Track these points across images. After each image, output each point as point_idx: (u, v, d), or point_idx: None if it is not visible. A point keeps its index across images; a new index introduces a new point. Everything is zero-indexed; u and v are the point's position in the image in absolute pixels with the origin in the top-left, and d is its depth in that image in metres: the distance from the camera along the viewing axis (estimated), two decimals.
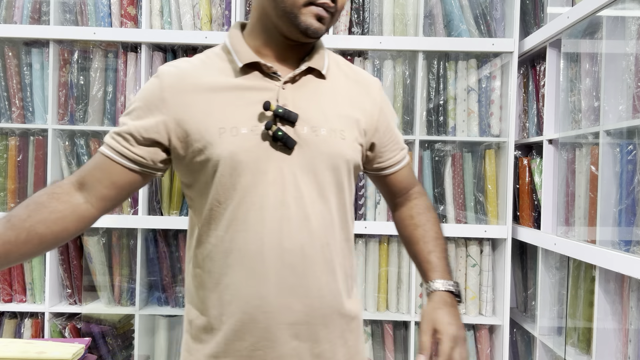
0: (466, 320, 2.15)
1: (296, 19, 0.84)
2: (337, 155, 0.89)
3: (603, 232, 1.56)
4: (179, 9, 2.13)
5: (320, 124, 0.89)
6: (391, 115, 1.03)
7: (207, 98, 0.87)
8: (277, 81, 0.89)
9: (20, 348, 1.14)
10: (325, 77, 0.93)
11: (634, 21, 1.48)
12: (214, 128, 0.85)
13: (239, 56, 0.89)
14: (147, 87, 0.90)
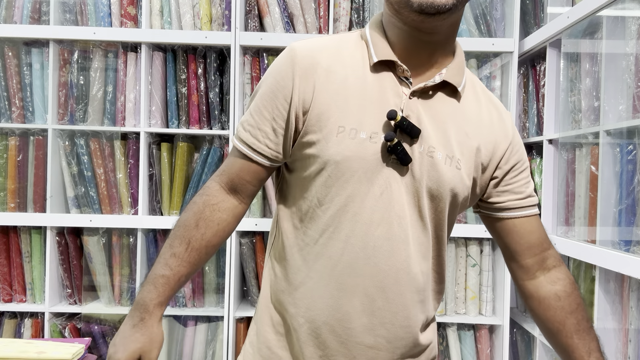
0: (466, 320, 2.15)
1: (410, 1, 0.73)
2: (445, 183, 0.81)
3: (603, 232, 1.56)
4: (179, 8, 2.13)
5: (437, 147, 0.81)
6: (523, 156, 0.91)
7: (335, 87, 0.81)
8: (406, 87, 0.82)
9: (20, 348, 1.14)
10: (460, 96, 0.85)
11: (634, 21, 1.48)
12: (333, 125, 0.79)
13: (375, 49, 0.81)
14: (278, 64, 0.84)
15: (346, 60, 0.82)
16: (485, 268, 2.17)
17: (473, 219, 2.16)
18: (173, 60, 2.15)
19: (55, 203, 2.14)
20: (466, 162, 0.83)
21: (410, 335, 0.84)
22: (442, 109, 0.83)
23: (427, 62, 0.82)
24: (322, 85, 0.80)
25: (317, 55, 0.82)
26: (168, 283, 0.84)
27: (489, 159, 0.85)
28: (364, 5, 2.16)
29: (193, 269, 0.87)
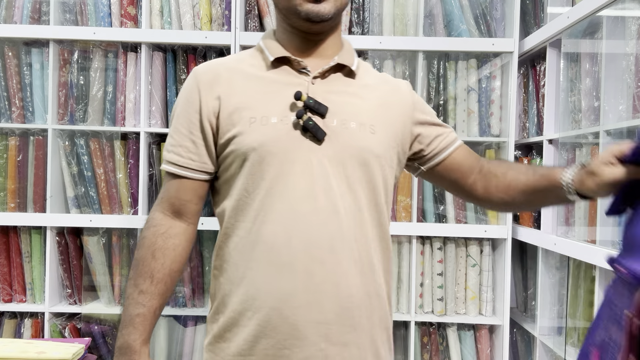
0: (466, 320, 2.15)
1: (297, 10, 0.86)
2: (366, 149, 0.87)
3: (603, 232, 1.56)
4: (179, 9, 2.13)
5: (349, 118, 0.88)
6: (427, 109, 1.02)
7: (239, 89, 0.89)
8: (306, 76, 0.91)
9: (20, 348, 1.14)
10: (355, 75, 0.94)
11: (634, 21, 1.48)
12: (244, 117, 0.86)
13: (270, 51, 0.92)
14: (184, 87, 0.94)
15: (245, 68, 0.92)
16: (485, 268, 2.17)
17: (473, 219, 2.16)
18: (173, 60, 2.15)
19: (55, 203, 2.14)
20: (380, 127, 0.90)
21: (358, 307, 0.86)
22: (345, 87, 0.92)
23: (319, 55, 0.93)
24: (226, 90, 0.89)
25: (217, 68, 0.92)
26: (145, 320, 0.87)
27: (401, 121, 0.94)
28: (364, 5, 2.16)
29: (163, 300, 0.90)
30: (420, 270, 2.18)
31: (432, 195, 2.17)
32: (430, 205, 2.17)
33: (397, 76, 2.17)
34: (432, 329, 2.20)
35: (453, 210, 2.16)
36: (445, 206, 2.17)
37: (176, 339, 2.24)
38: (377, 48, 2.10)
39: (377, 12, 2.17)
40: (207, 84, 0.90)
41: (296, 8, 0.86)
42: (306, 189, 0.84)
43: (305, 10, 0.85)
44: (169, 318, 2.22)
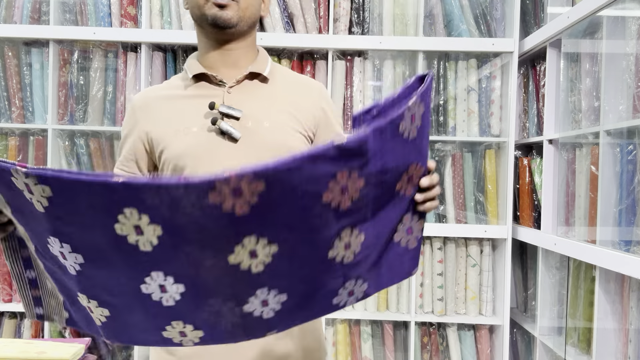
0: (466, 320, 2.15)
1: (204, 16, 0.98)
2: (280, 144, 0.98)
3: (603, 232, 1.56)
4: (179, 9, 2.13)
5: (263, 118, 1.00)
6: (332, 115, 1.11)
7: (164, 108, 1.02)
8: (223, 87, 1.02)
9: (20, 348, 1.14)
10: (268, 80, 1.06)
11: (634, 21, 1.48)
12: (170, 131, 0.99)
13: (189, 70, 1.05)
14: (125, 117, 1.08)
15: (171, 90, 1.06)
16: (485, 268, 2.17)
17: (473, 219, 2.16)
18: (173, 60, 2.15)
19: None
20: (291, 124, 1.01)
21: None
22: (258, 93, 1.04)
23: (234, 66, 1.04)
24: (154, 111, 1.03)
25: (147, 94, 1.07)
26: None
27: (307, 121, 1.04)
28: (364, 5, 2.16)
29: None
30: (421, 270, 2.18)
31: None
32: None
33: (397, 76, 2.17)
34: (432, 329, 2.20)
35: (453, 210, 2.16)
36: (445, 206, 2.17)
37: None
38: (377, 48, 2.10)
39: (377, 12, 2.17)
40: (140, 108, 1.05)
41: (204, 12, 0.98)
42: None
43: (211, 14, 0.97)
44: None
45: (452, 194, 2.17)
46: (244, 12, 1.00)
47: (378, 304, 2.19)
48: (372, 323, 2.22)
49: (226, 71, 1.04)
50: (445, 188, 2.17)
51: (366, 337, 2.21)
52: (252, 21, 1.04)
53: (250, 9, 1.01)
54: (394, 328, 2.21)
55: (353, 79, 2.17)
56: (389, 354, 2.19)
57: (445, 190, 2.17)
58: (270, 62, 1.09)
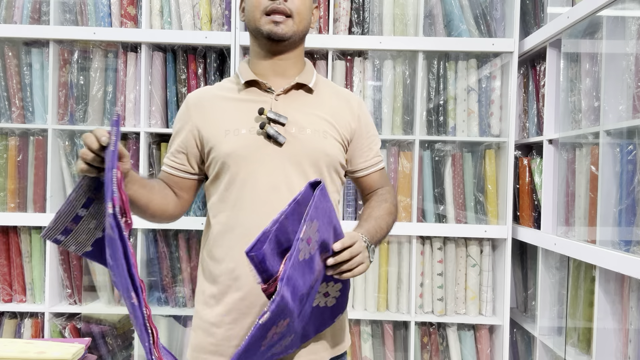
0: (466, 320, 2.15)
1: (260, 30, 1.09)
2: (319, 150, 1.10)
3: (603, 232, 1.56)
4: (179, 9, 2.13)
5: (305, 126, 1.11)
6: (368, 128, 1.22)
7: (216, 108, 1.14)
8: (271, 94, 1.13)
9: (20, 348, 1.14)
10: (313, 91, 1.16)
11: (634, 21, 1.48)
12: (221, 130, 1.10)
13: (242, 76, 1.15)
14: (179, 110, 1.20)
15: (223, 92, 1.17)
16: (485, 268, 2.17)
17: (473, 219, 2.16)
18: (173, 60, 2.15)
19: (55, 203, 2.14)
20: (331, 133, 1.13)
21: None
22: (303, 102, 1.14)
23: (283, 75, 1.15)
24: (208, 111, 1.14)
25: (201, 94, 1.18)
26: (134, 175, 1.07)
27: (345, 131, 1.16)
28: (364, 5, 2.16)
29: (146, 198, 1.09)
30: (420, 270, 2.18)
31: (432, 195, 2.17)
32: (430, 205, 2.17)
33: (398, 76, 2.18)
34: (432, 329, 2.20)
35: (453, 210, 2.16)
36: (445, 206, 2.17)
37: (176, 339, 2.24)
38: (377, 48, 2.10)
39: (377, 12, 2.17)
40: (194, 106, 1.16)
41: (260, 27, 1.09)
42: (271, 183, 1.07)
43: (267, 29, 1.08)
44: (169, 318, 2.22)
45: (452, 194, 2.17)
46: (297, 26, 1.11)
47: (378, 304, 2.19)
48: (372, 323, 2.22)
49: (275, 79, 1.15)
50: (445, 188, 2.17)
51: (366, 337, 2.21)
52: (303, 34, 1.14)
53: (303, 23, 1.12)
54: (394, 328, 2.21)
55: (353, 79, 2.17)
56: (389, 354, 2.19)
57: (445, 190, 2.17)
58: (316, 74, 1.20)
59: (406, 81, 2.18)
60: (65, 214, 0.95)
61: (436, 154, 2.17)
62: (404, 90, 2.18)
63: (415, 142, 2.12)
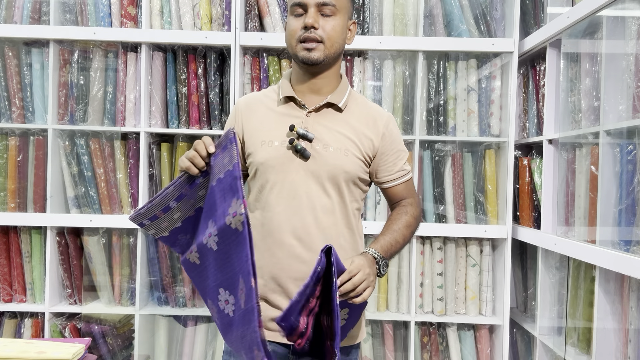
0: (466, 320, 2.15)
1: (297, 55, 1.23)
2: (338, 167, 1.22)
3: (603, 232, 1.56)
4: (179, 9, 2.13)
5: (330, 143, 1.22)
6: (393, 145, 1.30)
7: (259, 114, 1.29)
8: (305, 110, 1.26)
9: (20, 348, 1.15)
10: (342, 110, 1.27)
11: (634, 21, 1.48)
12: (258, 140, 1.25)
13: (282, 91, 1.28)
14: (230, 113, 1.39)
15: (266, 101, 1.31)
16: (485, 268, 2.17)
17: (473, 219, 2.16)
18: (173, 60, 2.15)
19: (55, 203, 2.14)
20: (353, 151, 1.24)
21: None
22: (331, 120, 1.26)
23: (317, 93, 1.28)
24: (252, 118, 1.29)
25: (248, 100, 1.33)
26: None
27: (368, 148, 1.26)
28: (364, 5, 2.16)
29: None
30: (420, 270, 2.18)
31: (432, 195, 2.17)
32: (430, 205, 2.17)
33: (398, 76, 2.17)
34: (432, 328, 2.20)
35: (453, 210, 2.16)
36: (445, 206, 2.17)
37: (176, 339, 2.24)
38: (377, 48, 2.10)
39: (377, 12, 2.17)
40: (241, 112, 1.31)
41: (296, 53, 1.23)
42: (293, 192, 1.22)
43: (301, 56, 1.21)
44: (169, 318, 2.22)
45: (452, 194, 2.17)
46: (329, 50, 1.22)
47: (378, 303, 2.19)
48: (372, 323, 2.22)
49: (310, 96, 1.28)
50: (445, 188, 2.17)
51: (366, 336, 2.21)
52: (336, 55, 1.26)
53: (335, 46, 1.24)
54: (394, 328, 2.21)
55: (353, 78, 2.17)
56: (389, 353, 2.19)
57: (445, 190, 2.17)
58: (349, 92, 1.30)
59: (406, 81, 2.18)
60: (159, 204, 1.11)
61: (436, 154, 2.18)
62: (404, 90, 2.18)
63: (415, 142, 2.12)
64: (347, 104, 1.28)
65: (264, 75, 2.15)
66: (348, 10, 1.27)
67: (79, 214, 2.14)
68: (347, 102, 1.28)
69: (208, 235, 1.06)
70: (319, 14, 1.21)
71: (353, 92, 1.33)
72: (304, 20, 1.20)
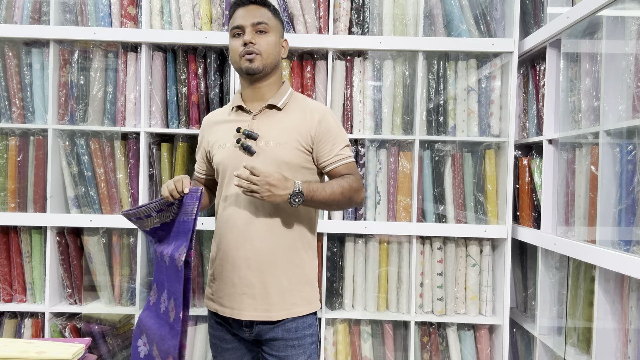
0: (466, 320, 2.15)
1: (241, 68, 1.44)
2: (279, 159, 1.40)
3: (603, 232, 1.56)
4: (179, 9, 2.13)
5: (271, 139, 1.41)
6: (330, 132, 1.44)
7: (215, 128, 1.52)
8: (251, 114, 1.46)
9: (20, 348, 1.15)
10: (282, 109, 1.46)
11: (634, 21, 1.48)
12: (216, 145, 1.48)
13: (233, 102, 1.52)
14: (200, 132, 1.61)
15: (222, 114, 1.55)
16: (485, 268, 2.17)
17: (473, 219, 2.16)
18: (173, 60, 2.15)
19: (55, 203, 2.14)
20: (291, 143, 1.41)
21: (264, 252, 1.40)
22: (272, 119, 1.45)
23: (261, 99, 1.48)
24: (211, 130, 1.53)
25: (209, 118, 1.59)
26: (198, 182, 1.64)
27: (305, 139, 1.42)
28: (364, 5, 2.16)
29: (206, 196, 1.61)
30: (420, 270, 2.18)
31: (432, 195, 2.17)
32: (430, 205, 2.17)
33: (398, 76, 2.18)
34: (432, 328, 2.20)
35: (453, 210, 2.16)
36: (445, 206, 2.17)
37: None
38: (377, 48, 2.10)
39: (377, 12, 2.17)
40: (204, 127, 1.57)
41: (240, 65, 1.44)
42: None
43: (244, 67, 1.42)
44: None
45: (452, 194, 2.17)
46: (266, 60, 1.43)
47: (378, 303, 2.19)
48: (372, 323, 2.22)
49: (255, 103, 1.48)
50: (445, 188, 2.17)
51: (366, 336, 2.21)
52: (273, 65, 1.45)
53: (270, 57, 1.44)
54: (393, 328, 2.21)
55: (353, 78, 2.17)
56: (389, 353, 2.19)
57: (445, 190, 2.17)
58: (289, 94, 1.50)
59: (406, 81, 2.18)
60: (144, 211, 1.37)
61: (436, 154, 2.18)
62: (404, 90, 2.18)
63: (415, 142, 2.12)
64: (286, 103, 1.48)
65: None
66: (279, 30, 1.49)
67: (79, 214, 2.14)
68: (286, 102, 1.48)
69: (178, 255, 1.30)
70: (254, 32, 1.42)
71: (296, 94, 1.52)
72: (243, 38, 1.42)
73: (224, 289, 1.43)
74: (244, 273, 1.40)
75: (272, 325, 1.41)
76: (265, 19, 1.45)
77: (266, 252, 1.40)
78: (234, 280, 1.41)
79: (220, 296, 1.44)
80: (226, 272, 1.43)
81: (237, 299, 1.41)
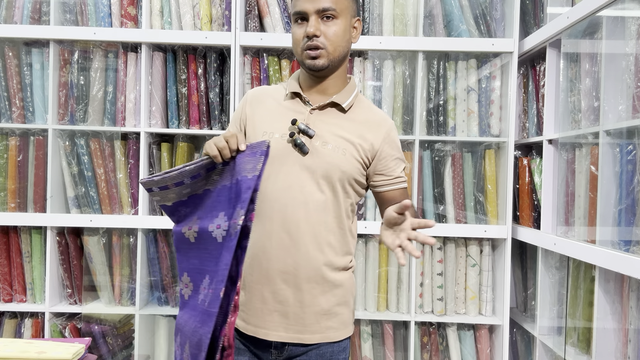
0: (466, 320, 2.15)
1: (303, 62, 1.25)
2: (334, 165, 1.23)
3: (603, 232, 1.56)
4: (179, 9, 2.13)
5: (329, 141, 1.24)
6: (393, 153, 1.30)
7: (263, 110, 1.30)
8: (309, 107, 1.27)
9: (20, 348, 1.15)
10: (346, 110, 1.28)
11: (634, 21, 1.48)
12: (260, 131, 1.26)
13: (288, 88, 1.31)
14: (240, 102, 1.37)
15: (275, 94, 1.33)
16: (485, 268, 2.17)
17: (473, 219, 2.16)
18: (173, 60, 2.15)
19: (55, 203, 2.14)
20: (351, 151, 1.24)
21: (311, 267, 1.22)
22: (333, 119, 1.27)
23: (322, 92, 1.29)
24: (257, 109, 1.31)
25: (257, 92, 1.35)
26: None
27: (367, 152, 1.27)
28: (364, 5, 2.16)
29: None
30: (420, 270, 2.18)
31: (432, 195, 2.17)
32: (430, 205, 2.17)
33: (398, 76, 2.18)
34: (432, 328, 2.20)
35: (453, 211, 2.16)
36: (445, 206, 2.17)
37: None
38: (377, 48, 2.10)
39: (377, 12, 2.17)
40: (249, 102, 1.33)
41: (302, 60, 1.25)
42: (287, 184, 1.22)
43: (307, 64, 1.24)
44: (169, 318, 2.22)
45: (452, 194, 2.17)
46: (333, 54, 1.23)
47: (378, 303, 2.19)
48: (372, 323, 2.22)
49: (316, 96, 1.29)
50: (445, 188, 2.17)
51: (366, 336, 2.21)
52: (341, 58, 1.26)
53: (338, 50, 1.24)
54: (393, 328, 2.21)
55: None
56: (389, 353, 2.19)
57: (445, 190, 2.17)
58: (355, 95, 1.32)
59: (406, 81, 2.18)
60: (173, 178, 1.12)
61: (436, 154, 2.18)
62: (404, 90, 2.18)
63: (415, 142, 2.12)
64: (351, 105, 1.30)
65: (264, 76, 2.15)
66: (350, 10, 1.25)
67: (79, 214, 2.14)
68: (352, 103, 1.30)
69: (217, 227, 1.09)
70: (320, 20, 1.21)
71: (361, 95, 1.35)
72: (306, 29, 1.21)
73: (251, 302, 1.25)
74: (278, 287, 1.22)
75: (305, 347, 1.26)
76: (333, 2, 1.21)
77: (309, 268, 1.22)
78: (264, 295, 1.23)
79: (244, 310, 1.26)
80: (256, 284, 1.24)
81: (267, 317, 1.23)
